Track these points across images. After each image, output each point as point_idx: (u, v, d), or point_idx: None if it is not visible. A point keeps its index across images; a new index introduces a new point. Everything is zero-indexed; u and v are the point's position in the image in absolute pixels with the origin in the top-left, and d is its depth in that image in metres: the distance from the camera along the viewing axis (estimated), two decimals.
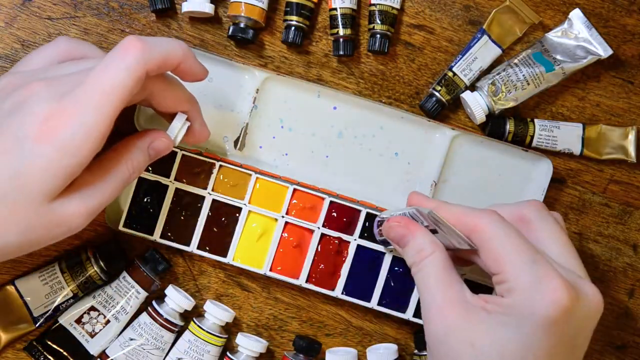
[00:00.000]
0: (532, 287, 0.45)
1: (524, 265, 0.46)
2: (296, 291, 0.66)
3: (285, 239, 0.65)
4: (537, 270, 0.46)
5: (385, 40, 0.64)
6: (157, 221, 0.63)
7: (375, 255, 0.65)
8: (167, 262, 0.63)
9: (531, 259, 0.46)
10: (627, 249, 0.68)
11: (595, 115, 0.67)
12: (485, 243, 0.49)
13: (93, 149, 0.46)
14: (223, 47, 0.65)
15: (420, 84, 0.66)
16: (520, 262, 0.46)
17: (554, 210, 0.67)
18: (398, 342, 0.67)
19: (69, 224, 0.48)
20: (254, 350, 0.63)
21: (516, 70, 0.64)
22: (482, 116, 0.64)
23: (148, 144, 0.53)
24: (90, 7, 0.64)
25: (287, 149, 0.65)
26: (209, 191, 0.64)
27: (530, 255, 0.47)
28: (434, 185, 0.65)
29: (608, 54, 0.64)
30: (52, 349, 0.62)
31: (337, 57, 0.66)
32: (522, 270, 0.46)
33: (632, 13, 0.67)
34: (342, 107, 0.65)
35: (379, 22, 0.64)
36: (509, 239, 0.48)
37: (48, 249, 0.64)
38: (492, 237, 0.48)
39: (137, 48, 0.46)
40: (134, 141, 0.52)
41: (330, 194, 0.64)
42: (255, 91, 0.63)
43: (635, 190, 0.68)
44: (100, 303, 0.62)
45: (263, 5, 0.63)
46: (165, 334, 0.62)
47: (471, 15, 0.66)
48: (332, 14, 0.64)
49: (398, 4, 0.64)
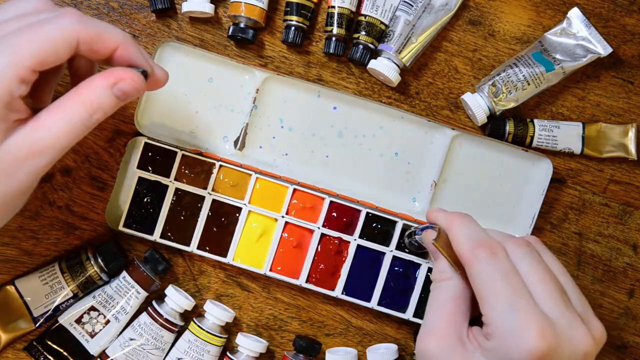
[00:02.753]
0: (509, 334, 0.45)
1: (502, 311, 0.46)
2: (296, 291, 0.66)
3: (285, 239, 0.65)
4: (515, 318, 0.45)
5: (367, 52, 0.64)
6: (157, 221, 0.63)
7: (375, 255, 0.65)
8: (167, 262, 0.63)
9: (510, 305, 0.46)
10: (627, 249, 0.68)
11: (595, 115, 0.67)
12: (472, 280, 0.49)
13: (8, 88, 0.44)
14: (223, 47, 0.65)
15: (421, 83, 0.66)
16: (499, 308, 0.46)
17: (554, 210, 0.67)
18: (398, 342, 0.67)
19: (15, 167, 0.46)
20: (254, 350, 0.63)
21: (516, 70, 0.64)
22: (484, 117, 0.64)
23: (112, 83, 0.48)
24: (90, 7, 0.64)
25: (287, 149, 0.65)
26: (209, 191, 0.64)
27: (509, 300, 0.46)
28: (434, 185, 0.65)
29: (608, 52, 0.64)
30: (52, 349, 0.62)
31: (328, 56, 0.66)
32: (500, 316, 0.46)
33: (632, 13, 0.67)
34: (342, 107, 0.65)
35: (364, 34, 0.64)
36: (493, 281, 0.47)
37: (48, 249, 0.64)
38: (477, 276, 0.48)
39: (75, 15, 0.46)
40: (95, 80, 0.48)
41: (330, 194, 0.64)
42: (255, 91, 0.63)
43: (635, 190, 0.68)
44: (100, 303, 0.62)
45: (263, 5, 0.63)
46: (165, 334, 0.62)
47: (471, 15, 0.66)
48: (330, 12, 0.64)
49: (387, 19, 0.64)
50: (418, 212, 0.65)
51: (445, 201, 0.66)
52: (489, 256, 0.48)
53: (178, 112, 0.64)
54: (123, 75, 0.48)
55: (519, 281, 0.47)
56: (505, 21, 0.66)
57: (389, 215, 0.65)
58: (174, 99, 0.64)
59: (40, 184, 0.64)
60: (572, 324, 0.46)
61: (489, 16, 0.66)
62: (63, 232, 0.64)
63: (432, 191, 0.65)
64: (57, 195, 0.64)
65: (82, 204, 0.64)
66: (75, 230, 0.65)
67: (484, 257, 0.48)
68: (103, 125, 0.64)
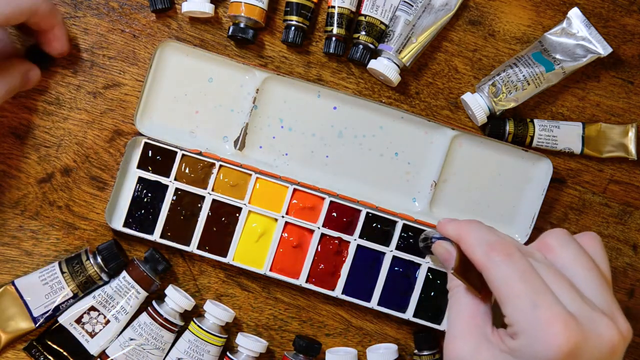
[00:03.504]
0: (534, 332, 0.45)
1: (524, 311, 0.46)
2: (296, 291, 0.66)
3: (285, 239, 0.65)
4: (538, 315, 0.45)
5: (367, 52, 0.64)
6: (157, 221, 0.63)
7: (375, 255, 0.65)
8: (167, 262, 0.63)
9: (532, 303, 0.46)
10: (627, 249, 0.68)
11: (595, 115, 0.67)
12: (491, 287, 0.48)
13: None
14: (223, 47, 0.65)
15: (421, 83, 0.66)
16: (521, 307, 0.46)
17: (554, 210, 0.67)
18: (398, 342, 0.67)
19: None
20: (254, 350, 0.63)
21: (516, 70, 0.64)
22: (484, 117, 0.64)
23: (26, 71, 0.61)
24: (90, 7, 0.64)
25: (287, 149, 0.65)
26: (209, 191, 0.64)
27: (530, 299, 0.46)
28: (434, 185, 0.65)
29: (608, 52, 0.64)
30: (52, 349, 0.62)
31: (328, 56, 0.66)
32: (523, 316, 0.46)
33: (632, 13, 0.67)
34: (342, 107, 0.65)
35: (364, 34, 0.64)
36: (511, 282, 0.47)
37: (48, 249, 0.64)
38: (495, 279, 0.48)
39: None
40: (16, 64, 0.60)
41: (330, 194, 0.64)
42: (255, 91, 0.63)
43: (635, 190, 0.68)
44: (100, 303, 0.62)
45: (263, 5, 0.63)
46: (165, 334, 0.62)
47: (471, 15, 0.66)
48: (330, 12, 0.64)
49: (387, 19, 0.64)
50: (418, 212, 0.65)
51: (445, 201, 0.66)
52: (503, 258, 0.48)
53: (178, 112, 0.64)
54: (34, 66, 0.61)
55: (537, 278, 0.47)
56: (505, 21, 0.66)
57: (389, 215, 0.65)
58: (174, 99, 0.64)
59: (40, 184, 0.64)
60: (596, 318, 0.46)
61: (489, 16, 0.66)
62: (63, 232, 0.64)
63: (432, 191, 0.65)
64: (57, 195, 0.64)
65: (82, 204, 0.64)
66: (75, 230, 0.65)
67: (499, 260, 0.48)
68: (103, 125, 0.64)
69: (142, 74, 0.64)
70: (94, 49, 0.64)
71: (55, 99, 0.64)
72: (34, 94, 0.64)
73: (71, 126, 0.64)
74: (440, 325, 0.65)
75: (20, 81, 0.60)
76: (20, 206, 0.64)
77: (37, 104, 0.64)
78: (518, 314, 0.46)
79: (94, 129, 0.64)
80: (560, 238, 0.51)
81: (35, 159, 0.64)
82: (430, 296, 0.65)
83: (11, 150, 0.64)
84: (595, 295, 0.48)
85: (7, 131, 0.64)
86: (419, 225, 0.65)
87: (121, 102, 0.64)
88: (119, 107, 0.64)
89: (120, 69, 0.64)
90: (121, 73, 0.64)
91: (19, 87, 0.61)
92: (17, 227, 0.64)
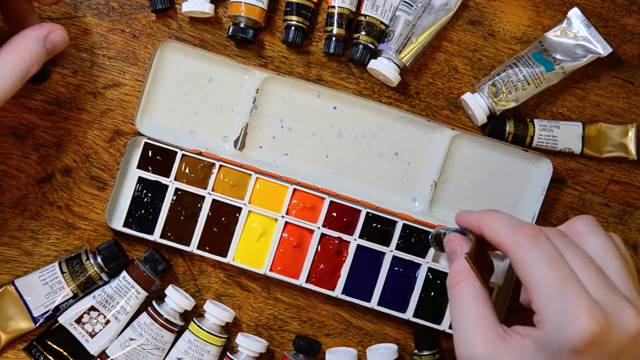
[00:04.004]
0: (559, 320, 0.44)
1: (551, 297, 0.45)
2: (296, 291, 0.66)
3: (285, 239, 0.65)
4: (565, 303, 0.44)
5: (367, 52, 0.64)
6: (157, 221, 0.63)
7: (375, 255, 0.65)
8: (167, 262, 0.63)
9: (559, 290, 0.45)
10: (627, 249, 0.68)
11: (595, 115, 0.67)
12: (517, 270, 0.48)
13: None
14: (223, 47, 0.65)
15: (421, 83, 0.66)
16: (548, 294, 0.45)
17: (554, 210, 0.67)
18: (398, 342, 0.67)
19: None
20: (254, 350, 0.63)
21: (516, 70, 0.64)
22: (484, 117, 0.64)
23: (44, 36, 0.55)
24: (90, 7, 0.64)
25: (287, 149, 0.65)
26: (209, 191, 0.64)
27: (558, 286, 0.45)
28: (434, 185, 0.65)
29: (608, 52, 0.64)
30: (52, 349, 0.62)
31: (328, 56, 0.66)
32: (549, 303, 0.45)
33: (632, 13, 0.67)
34: (342, 107, 0.65)
35: (364, 34, 0.64)
36: (539, 268, 0.46)
37: (48, 249, 0.64)
38: (522, 265, 0.47)
39: None
40: (30, 33, 0.54)
41: (330, 194, 0.64)
42: (255, 91, 0.63)
43: (635, 190, 0.68)
44: (100, 303, 0.62)
45: (263, 5, 0.63)
46: (165, 334, 0.62)
47: (471, 15, 0.66)
48: (330, 12, 0.64)
49: (387, 19, 0.64)
50: (418, 212, 0.65)
51: (445, 201, 0.66)
52: (531, 241, 0.47)
53: (178, 112, 0.64)
54: (53, 27, 0.55)
55: (564, 265, 0.46)
56: (505, 21, 0.66)
57: (389, 215, 0.65)
58: (174, 99, 0.64)
59: (40, 184, 0.64)
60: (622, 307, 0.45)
61: (489, 16, 0.66)
62: (63, 232, 0.64)
63: (432, 191, 0.65)
64: (57, 195, 0.64)
65: (82, 204, 0.64)
66: (75, 230, 0.65)
67: (525, 242, 0.47)
68: (103, 125, 0.64)
69: (142, 74, 0.64)
70: (94, 49, 0.64)
71: (55, 99, 0.64)
72: (34, 94, 0.64)
73: (71, 126, 0.64)
74: (441, 325, 0.65)
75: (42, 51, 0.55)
76: (20, 206, 0.64)
77: (37, 104, 0.64)
78: (545, 302, 0.45)
79: (94, 129, 0.64)
80: (590, 225, 0.50)
81: (35, 159, 0.64)
82: (430, 296, 0.65)
83: (11, 150, 0.64)
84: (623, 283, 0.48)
85: (7, 131, 0.64)
86: (419, 225, 0.65)
87: (121, 102, 0.64)
88: (119, 107, 0.64)
89: (120, 69, 0.64)
90: (121, 73, 0.64)
91: (44, 56, 0.55)
92: (17, 227, 0.64)
